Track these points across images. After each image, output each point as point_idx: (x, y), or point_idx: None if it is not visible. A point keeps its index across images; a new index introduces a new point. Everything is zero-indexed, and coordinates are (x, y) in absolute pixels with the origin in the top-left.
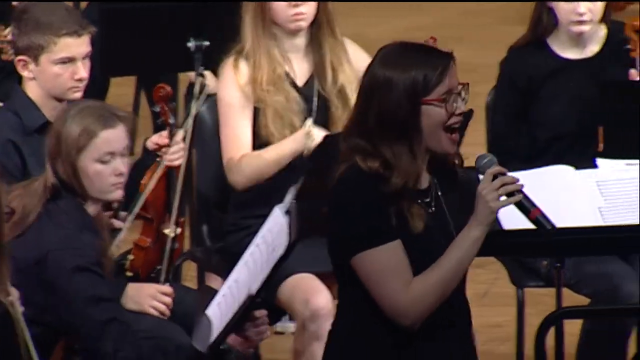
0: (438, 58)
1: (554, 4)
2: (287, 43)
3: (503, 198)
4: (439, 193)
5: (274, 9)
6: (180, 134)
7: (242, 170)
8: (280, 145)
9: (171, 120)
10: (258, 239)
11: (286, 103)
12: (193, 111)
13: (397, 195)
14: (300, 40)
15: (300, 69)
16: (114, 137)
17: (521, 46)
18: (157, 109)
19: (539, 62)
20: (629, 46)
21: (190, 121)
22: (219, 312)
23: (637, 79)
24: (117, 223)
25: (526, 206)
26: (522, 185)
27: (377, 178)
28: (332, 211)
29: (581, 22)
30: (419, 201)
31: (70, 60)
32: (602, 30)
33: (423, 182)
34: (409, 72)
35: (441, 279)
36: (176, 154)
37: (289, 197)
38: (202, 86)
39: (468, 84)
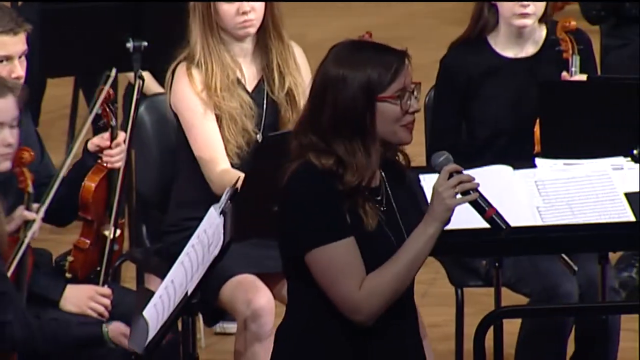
0: (393, 56)
1: (498, 5)
2: (235, 47)
3: (459, 196)
4: (389, 191)
5: (221, 16)
6: (122, 136)
7: (223, 184)
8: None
9: (112, 122)
10: (193, 239)
11: (240, 109)
12: (132, 112)
13: (351, 192)
14: (248, 45)
15: (249, 73)
16: (3, 107)
17: (461, 44)
18: (99, 110)
19: (479, 60)
20: (560, 47)
21: (129, 122)
22: (155, 312)
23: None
24: (29, 215)
25: (482, 205)
26: (477, 184)
27: (331, 175)
28: (285, 207)
29: (524, 15)
30: (372, 199)
31: (7, 58)
32: (542, 31)
33: (375, 180)
34: (363, 70)
35: (395, 275)
36: (117, 156)
37: (225, 197)
38: (140, 87)
39: (420, 83)
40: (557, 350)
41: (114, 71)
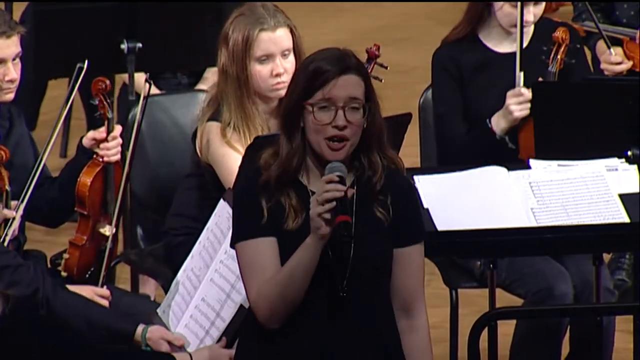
0: (332, 67)
1: (496, 6)
2: (262, 106)
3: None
4: (354, 205)
5: (255, 80)
6: (118, 129)
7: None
8: None
9: (109, 115)
10: (204, 241)
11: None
12: (138, 116)
13: (275, 186)
14: (274, 103)
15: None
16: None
17: (454, 40)
18: (96, 102)
19: (471, 55)
20: (551, 48)
21: (134, 128)
22: (190, 332)
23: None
24: (8, 213)
25: (337, 211)
26: (340, 194)
27: (261, 169)
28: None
29: (523, 26)
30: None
31: (0, 61)
32: (531, 27)
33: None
34: (302, 73)
35: (279, 281)
36: (113, 149)
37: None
38: (148, 91)
39: (369, 107)
40: (552, 351)
41: (86, 63)
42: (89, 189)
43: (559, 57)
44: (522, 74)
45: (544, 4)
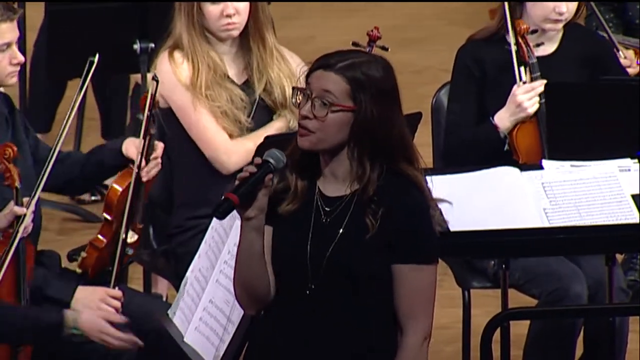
0: (320, 58)
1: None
2: (219, 47)
3: None
4: (349, 212)
5: (206, 17)
6: (160, 148)
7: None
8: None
9: (152, 131)
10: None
11: (231, 102)
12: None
13: (292, 166)
14: (231, 47)
15: (233, 73)
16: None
17: (481, 38)
18: (142, 117)
19: (496, 55)
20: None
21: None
22: (201, 336)
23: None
24: (19, 210)
25: (236, 188)
26: (247, 172)
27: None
28: None
29: (558, 21)
30: (320, 203)
31: (7, 45)
32: (560, 30)
33: (332, 190)
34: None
35: (235, 266)
36: (153, 170)
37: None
38: (155, 89)
39: (331, 103)
40: (566, 352)
41: (97, 57)
42: (118, 197)
43: (530, 47)
44: (522, 68)
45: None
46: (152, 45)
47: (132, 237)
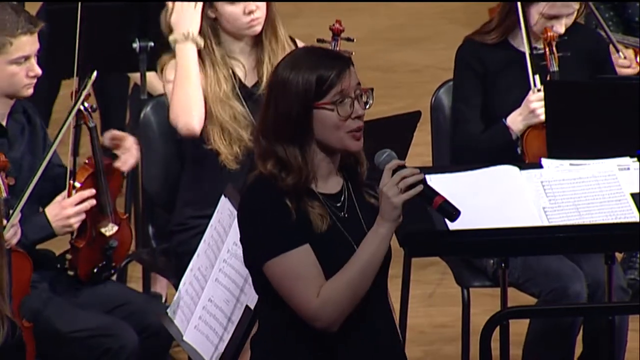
0: (335, 62)
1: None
2: (235, 47)
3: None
4: (353, 197)
5: (227, 18)
6: (129, 139)
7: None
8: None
9: (91, 124)
10: (208, 239)
11: (234, 120)
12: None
13: (294, 195)
14: (246, 45)
15: (249, 71)
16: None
17: (480, 41)
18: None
19: (495, 53)
20: None
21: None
22: (200, 334)
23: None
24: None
25: (428, 195)
26: (422, 176)
27: (275, 180)
28: (240, 221)
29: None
30: (329, 205)
31: (26, 58)
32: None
33: (332, 186)
34: (303, 75)
35: (350, 280)
36: (131, 160)
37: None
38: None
39: (371, 88)
40: (565, 351)
41: (94, 74)
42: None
43: (554, 55)
44: (537, 76)
45: (574, 16)
46: (152, 44)
47: (112, 229)
